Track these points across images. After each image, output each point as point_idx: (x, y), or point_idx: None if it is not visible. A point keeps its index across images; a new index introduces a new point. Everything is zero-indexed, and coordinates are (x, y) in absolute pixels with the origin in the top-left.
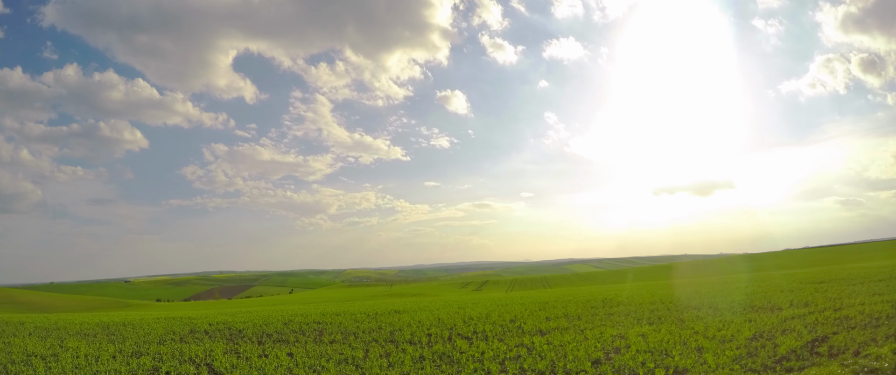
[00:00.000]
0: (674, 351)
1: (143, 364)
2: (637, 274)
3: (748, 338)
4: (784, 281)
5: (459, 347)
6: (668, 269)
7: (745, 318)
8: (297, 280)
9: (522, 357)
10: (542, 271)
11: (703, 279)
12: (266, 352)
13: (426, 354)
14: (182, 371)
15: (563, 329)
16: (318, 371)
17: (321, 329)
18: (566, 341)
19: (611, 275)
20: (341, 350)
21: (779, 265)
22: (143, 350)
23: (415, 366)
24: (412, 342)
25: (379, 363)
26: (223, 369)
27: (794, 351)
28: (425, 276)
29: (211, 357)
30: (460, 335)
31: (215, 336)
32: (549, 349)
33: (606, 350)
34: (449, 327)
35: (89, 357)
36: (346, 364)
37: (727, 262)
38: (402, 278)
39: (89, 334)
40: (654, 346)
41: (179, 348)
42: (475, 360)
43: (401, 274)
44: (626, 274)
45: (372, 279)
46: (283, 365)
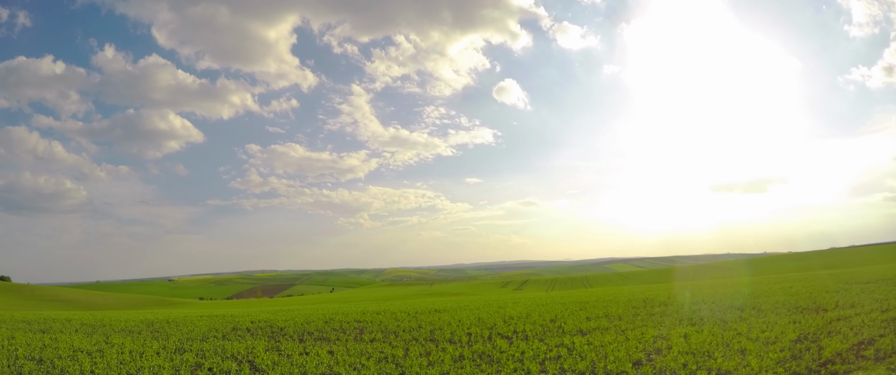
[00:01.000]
0: (716, 353)
1: (187, 361)
2: (679, 273)
3: (792, 340)
4: (830, 280)
5: (499, 346)
6: (711, 268)
7: (790, 319)
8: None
9: (562, 358)
10: (582, 270)
11: (745, 278)
12: (307, 350)
13: (466, 353)
14: (224, 368)
15: (604, 329)
16: (358, 368)
17: (362, 328)
18: (607, 341)
19: (652, 275)
20: (381, 349)
21: (825, 263)
22: (186, 347)
23: (454, 365)
24: (452, 341)
25: (419, 361)
26: (264, 366)
27: (840, 354)
28: (465, 275)
29: (252, 354)
30: (500, 334)
31: (257, 334)
32: (589, 349)
33: (647, 351)
34: (489, 326)
35: (134, 353)
36: (386, 363)
37: (771, 261)
38: (443, 277)
39: (134, 331)
40: (695, 347)
41: (222, 345)
42: (515, 360)
43: (441, 274)
44: (667, 274)
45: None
46: (324, 363)
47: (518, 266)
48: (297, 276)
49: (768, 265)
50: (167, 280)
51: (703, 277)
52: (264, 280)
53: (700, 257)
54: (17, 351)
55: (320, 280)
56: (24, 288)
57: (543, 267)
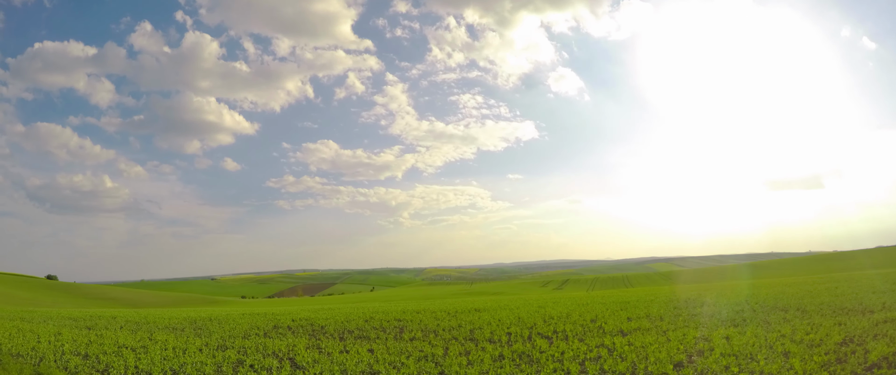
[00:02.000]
0: (759, 356)
1: (228, 358)
2: (722, 272)
3: (837, 343)
4: (877, 280)
5: (539, 346)
6: (754, 268)
7: (835, 321)
8: (378, 278)
9: (603, 358)
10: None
11: (790, 279)
12: (347, 348)
13: (506, 353)
14: (265, 365)
15: (645, 329)
16: (398, 367)
17: (402, 327)
18: (648, 342)
19: (694, 274)
20: (421, 348)
21: (873, 263)
22: (228, 344)
23: (494, 365)
24: (492, 340)
25: (458, 360)
26: (305, 363)
27: (886, 358)
28: (506, 275)
29: (293, 351)
30: (540, 334)
31: (298, 332)
32: (630, 350)
33: (689, 352)
34: (529, 326)
35: (177, 349)
36: (425, 361)
37: (817, 260)
38: (483, 276)
39: (177, 328)
40: (738, 350)
41: (263, 342)
42: (555, 360)
43: (481, 273)
44: (710, 274)
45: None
46: (364, 361)
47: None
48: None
49: (814, 264)
50: (210, 279)
51: (746, 277)
52: (305, 279)
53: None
54: (64, 347)
55: (361, 279)
56: (71, 286)
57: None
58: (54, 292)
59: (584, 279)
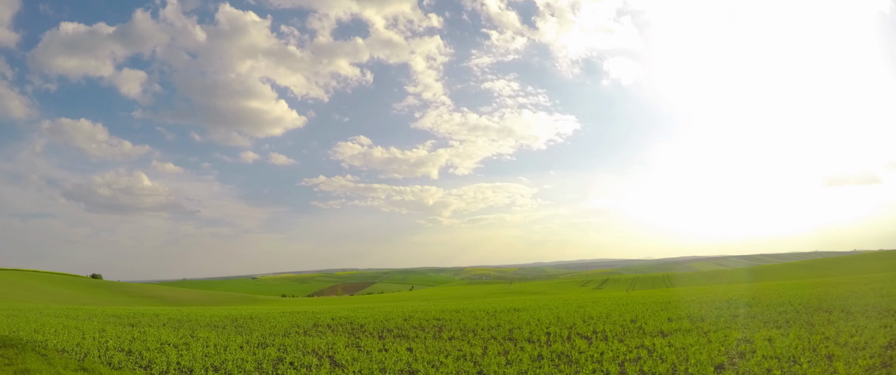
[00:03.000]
0: (802, 358)
1: (269, 355)
2: (764, 272)
3: (883, 346)
4: None
5: (578, 347)
6: (797, 267)
7: (881, 324)
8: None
9: (642, 360)
10: (664, 269)
11: (833, 279)
12: (386, 347)
13: (545, 353)
14: (305, 362)
15: (686, 330)
16: (436, 366)
17: (440, 326)
18: (688, 343)
19: (736, 274)
20: (460, 347)
21: None
22: (268, 342)
23: (533, 365)
24: (531, 340)
25: (497, 360)
26: (344, 361)
27: None
28: (545, 274)
29: (333, 349)
30: (580, 334)
31: (337, 331)
32: (670, 351)
33: (730, 354)
34: (568, 326)
35: (218, 346)
36: (464, 361)
37: (860, 260)
38: (522, 276)
39: (218, 325)
40: (780, 352)
41: (303, 340)
42: (594, 361)
43: (520, 272)
44: (752, 274)
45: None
46: (403, 360)
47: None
48: (376, 274)
49: (860, 264)
50: (251, 278)
51: (789, 277)
52: (345, 278)
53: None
54: (108, 343)
55: (400, 278)
56: (115, 284)
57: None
58: (98, 290)
59: (624, 278)
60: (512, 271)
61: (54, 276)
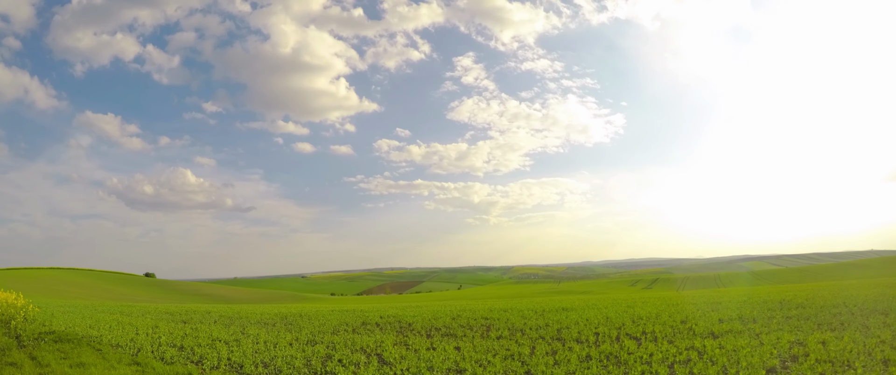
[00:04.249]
0: (856, 363)
1: (317, 352)
2: (818, 272)
3: None
4: None
5: (627, 348)
6: (854, 267)
7: None
8: (465, 276)
9: (693, 362)
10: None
11: (890, 279)
12: (434, 345)
13: (593, 353)
14: (353, 360)
15: (737, 332)
16: (484, 365)
17: (488, 325)
18: (739, 345)
19: (789, 274)
20: (508, 346)
21: None
22: (317, 339)
23: (581, 365)
24: (579, 340)
25: (545, 360)
26: (392, 359)
27: None
28: (594, 273)
29: (381, 347)
30: (629, 335)
31: (386, 329)
32: (721, 353)
33: (782, 357)
34: (617, 326)
35: (268, 343)
36: (512, 360)
37: None
38: (570, 275)
39: (268, 323)
40: (834, 356)
41: (351, 338)
42: (643, 362)
43: (569, 271)
44: (806, 273)
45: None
46: (450, 358)
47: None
48: (425, 273)
49: None
50: (300, 276)
51: (844, 277)
52: (393, 277)
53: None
54: (161, 339)
55: (448, 277)
56: (167, 283)
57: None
58: (151, 288)
59: (673, 278)
60: (560, 270)
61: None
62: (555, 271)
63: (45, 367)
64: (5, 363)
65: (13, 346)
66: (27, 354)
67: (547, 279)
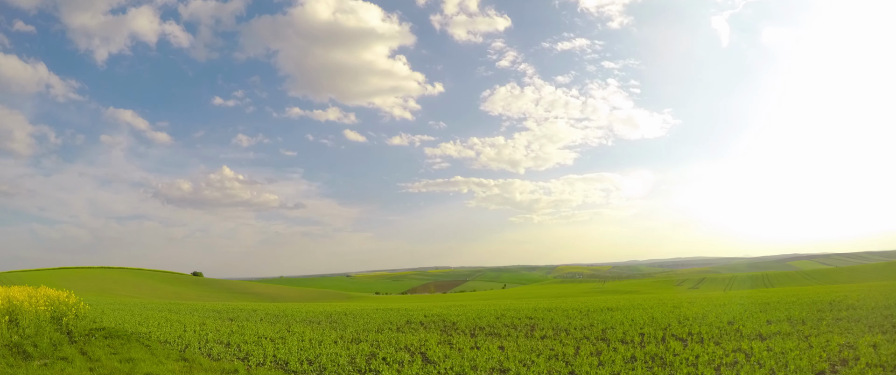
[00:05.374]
0: None
1: (362, 350)
2: (869, 271)
3: None
4: None
5: (673, 349)
6: None
7: None
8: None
9: (739, 364)
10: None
11: None
12: (478, 344)
13: (638, 354)
14: (397, 358)
15: (785, 334)
16: (527, 365)
17: (533, 325)
18: (788, 348)
19: (840, 273)
20: (552, 346)
21: None
22: (362, 337)
23: (626, 366)
24: (624, 341)
25: (589, 361)
26: (436, 358)
27: None
28: (639, 272)
29: (425, 346)
30: (674, 336)
31: (430, 328)
32: (768, 356)
33: (832, 361)
34: (663, 327)
35: (313, 340)
36: (556, 360)
37: None
38: (616, 274)
39: (314, 321)
40: (886, 360)
41: (396, 337)
42: (689, 364)
43: (614, 270)
44: (857, 272)
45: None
46: (494, 358)
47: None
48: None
49: None
50: (345, 276)
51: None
52: (437, 276)
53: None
54: (208, 336)
55: (492, 276)
56: (214, 281)
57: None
58: (199, 287)
59: (721, 277)
60: (605, 269)
61: (158, 274)
62: (600, 270)
63: (95, 362)
64: (57, 357)
65: (65, 341)
66: (78, 349)
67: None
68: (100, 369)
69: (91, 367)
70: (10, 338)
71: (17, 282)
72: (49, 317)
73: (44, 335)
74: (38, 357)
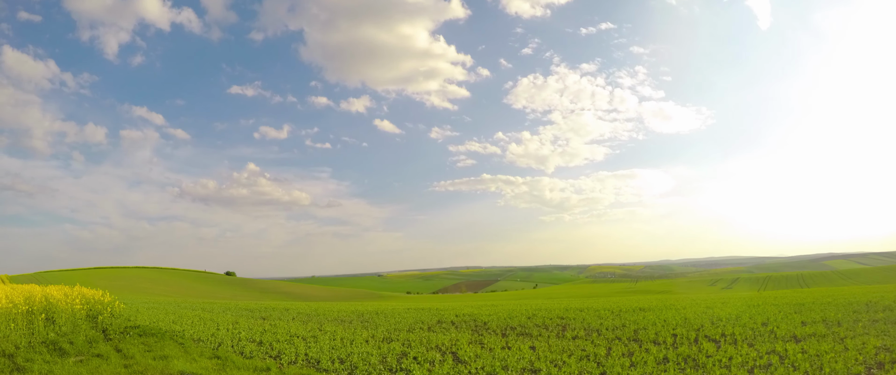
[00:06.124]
0: None
1: (393, 349)
2: None
3: None
4: None
5: (706, 350)
6: None
7: None
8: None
9: (773, 366)
10: (797, 267)
11: None
12: (509, 344)
13: (670, 356)
14: (428, 358)
15: (821, 336)
16: (559, 365)
17: (564, 325)
18: (823, 350)
19: (877, 273)
20: (583, 347)
21: None
22: (393, 337)
23: (658, 368)
24: (656, 342)
25: (621, 361)
26: (467, 358)
27: None
28: (672, 272)
29: (456, 346)
30: (707, 337)
31: (461, 327)
32: (803, 358)
33: (868, 364)
34: (696, 328)
35: (345, 339)
36: (587, 361)
37: None
38: (648, 274)
39: (345, 320)
40: None
41: (427, 336)
42: (722, 366)
43: (646, 270)
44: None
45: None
46: (525, 358)
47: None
48: (500, 272)
49: None
50: (377, 275)
51: None
52: (469, 275)
53: None
54: (241, 334)
55: (523, 276)
56: (247, 281)
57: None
58: (232, 286)
59: (754, 277)
60: (638, 269)
61: (191, 273)
62: (632, 270)
63: (129, 359)
64: (93, 354)
65: (100, 339)
66: (113, 346)
67: (624, 278)
68: (134, 366)
69: (126, 364)
70: (46, 335)
71: (54, 282)
72: (85, 315)
73: (80, 332)
74: (74, 353)
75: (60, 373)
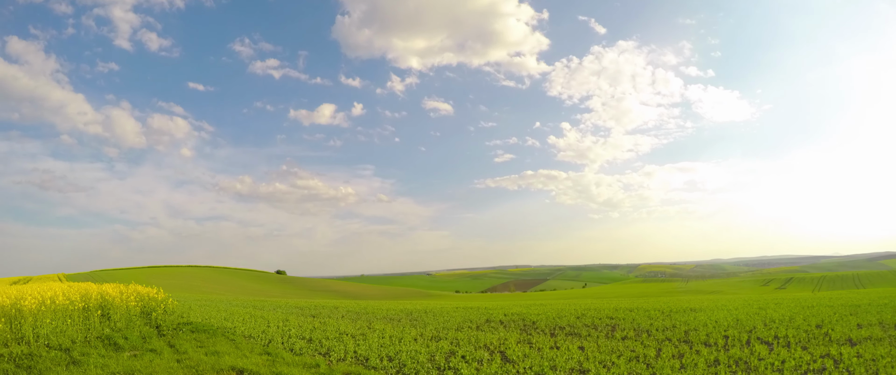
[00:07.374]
0: None
1: (441, 348)
2: None
3: None
4: None
5: (758, 353)
6: None
7: None
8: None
9: (827, 371)
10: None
11: None
12: (557, 344)
13: (721, 358)
14: (476, 356)
15: (877, 339)
16: (608, 366)
17: (613, 325)
18: (879, 355)
19: None
20: (633, 348)
21: None
22: (441, 335)
23: (708, 370)
24: (707, 343)
25: (671, 363)
26: (515, 357)
27: None
28: (723, 271)
29: (504, 345)
30: (760, 339)
31: (509, 327)
32: (858, 363)
33: None
34: (748, 329)
35: (393, 337)
36: (636, 362)
37: None
38: (699, 273)
39: (394, 318)
40: None
41: (475, 335)
42: (774, 369)
43: (697, 269)
44: None
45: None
46: (574, 358)
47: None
48: (549, 271)
49: None
50: (426, 274)
51: None
52: (517, 275)
53: None
54: (291, 331)
55: (573, 275)
56: (297, 280)
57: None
58: (282, 285)
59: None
60: (688, 268)
61: (242, 272)
62: (682, 269)
63: (182, 354)
64: (146, 349)
65: (154, 335)
66: (166, 342)
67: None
68: (186, 361)
69: (178, 359)
70: (101, 331)
71: (109, 280)
72: (139, 312)
73: (134, 328)
74: (129, 348)
75: (114, 367)
